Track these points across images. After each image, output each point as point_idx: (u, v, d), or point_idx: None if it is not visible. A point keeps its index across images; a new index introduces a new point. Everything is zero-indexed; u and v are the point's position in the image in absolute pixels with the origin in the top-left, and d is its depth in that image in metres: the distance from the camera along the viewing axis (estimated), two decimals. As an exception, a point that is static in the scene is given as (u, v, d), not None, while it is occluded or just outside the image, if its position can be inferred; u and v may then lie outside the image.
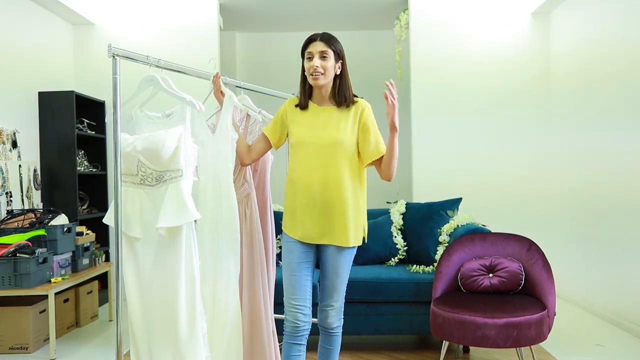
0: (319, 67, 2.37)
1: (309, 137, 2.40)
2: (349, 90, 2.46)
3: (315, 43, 2.40)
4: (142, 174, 2.38)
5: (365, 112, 2.45)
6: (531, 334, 3.00)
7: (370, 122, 2.44)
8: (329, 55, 2.38)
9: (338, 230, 2.40)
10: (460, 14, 5.35)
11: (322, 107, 2.45)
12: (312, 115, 2.45)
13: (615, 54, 4.25)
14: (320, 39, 2.41)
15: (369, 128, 2.43)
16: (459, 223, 3.78)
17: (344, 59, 2.45)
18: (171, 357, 2.31)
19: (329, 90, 2.45)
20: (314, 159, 2.39)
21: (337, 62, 2.42)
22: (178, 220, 2.24)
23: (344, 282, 2.47)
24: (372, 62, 6.47)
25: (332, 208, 2.38)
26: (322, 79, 2.39)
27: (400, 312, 3.64)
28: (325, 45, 2.39)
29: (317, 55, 2.38)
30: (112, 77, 2.35)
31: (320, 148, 2.38)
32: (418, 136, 5.34)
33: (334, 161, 2.38)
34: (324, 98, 2.46)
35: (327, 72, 2.39)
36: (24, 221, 4.03)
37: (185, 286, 2.29)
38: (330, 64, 2.39)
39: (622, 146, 4.16)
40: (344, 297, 2.51)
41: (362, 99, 2.49)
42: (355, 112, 2.44)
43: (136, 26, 5.41)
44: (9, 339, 3.78)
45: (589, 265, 4.70)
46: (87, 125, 5.20)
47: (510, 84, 5.34)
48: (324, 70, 2.38)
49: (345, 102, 2.43)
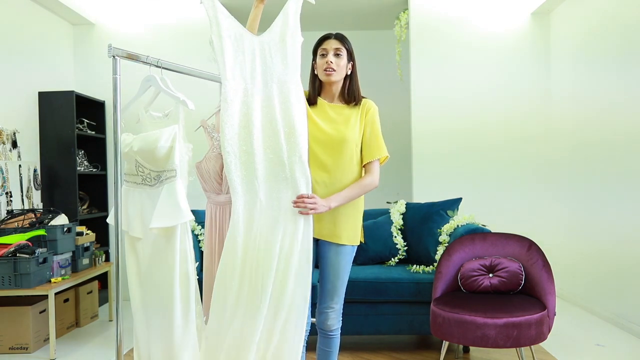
0: (333, 64, 2.40)
1: (317, 132, 2.39)
2: (358, 90, 2.49)
3: (330, 40, 2.43)
4: (142, 174, 2.38)
5: (371, 112, 2.48)
6: (531, 334, 3.00)
7: (373, 124, 2.47)
8: (343, 54, 2.42)
9: (338, 228, 2.41)
10: (460, 14, 5.34)
11: (331, 104, 2.47)
12: (321, 110, 2.45)
13: (616, 53, 4.25)
14: (335, 37, 2.45)
15: (371, 129, 2.46)
16: (459, 223, 3.78)
17: (354, 60, 2.49)
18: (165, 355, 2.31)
19: (339, 88, 2.48)
20: (319, 154, 2.39)
21: (349, 62, 2.46)
22: (171, 220, 2.24)
23: (344, 283, 2.47)
24: (372, 62, 6.46)
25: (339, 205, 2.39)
26: (334, 75, 2.41)
27: (400, 312, 3.64)
28: (340, 43, 2.43)
29: (332, 52, 2.41)
30: (112, 77, 2.35)
31: (327, 144, 2.39)
32: (418, 136, 5.34)
33: (340, 157, 2.40)
34: (333, 96, 2.48)
35: (340, 69, 2.42)
36: (24, 221, 4.03)
37: (179, 287, 2.28)
38: (343, 62, 2.43)
39: (622, 146, 4.16)
40: (343, 299, 2.51)
41: (367, 99, 2.52)
42: (362, 111, 2.47)
43: (136, 26, 5.41)
44: (9, 339, 3.78)
45: (589, 265, 4.70)
46: (87, 125, 5.20)
47: (510, 84, 5.34)
48: (337, 67, 2.40)
49: (354, 100, 2.47)
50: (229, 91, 2.21)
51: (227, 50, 2.23)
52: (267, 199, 2.22)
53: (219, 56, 2.24)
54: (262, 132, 2.22)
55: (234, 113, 2.21)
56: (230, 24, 2.26)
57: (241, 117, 2.22)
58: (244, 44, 2.26)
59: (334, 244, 2.43)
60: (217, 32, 2.23)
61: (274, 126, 2.22)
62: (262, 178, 2.22)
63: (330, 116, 2.44)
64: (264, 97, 2.25)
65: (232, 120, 2.21)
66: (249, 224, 2.22)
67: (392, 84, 6.27)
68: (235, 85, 2.22)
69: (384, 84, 6.29)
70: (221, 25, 2.24)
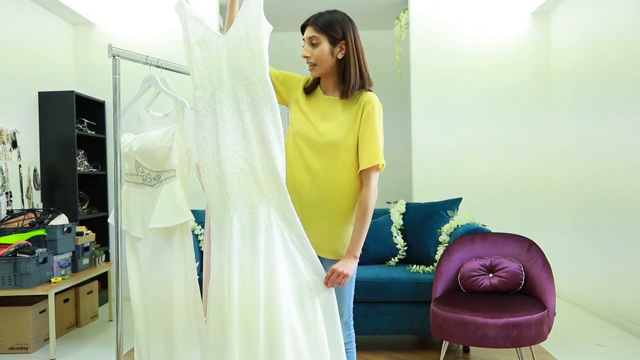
0: (311, 57, 2.08)
1: (306, 130, 2.10)
2: (354, 77, 2.08)
3: (307, 28, 2.10)
4: (142, 174, 2.38)
5: (367, 109, 2.07)
6: (531, 334, 3.00)
7: (368, 125, 2.06)
8: (321, 41, 2.06)
9: (326, 241, 2.09)
10: (460, 14, 5.35)
11: (326, 96, 2.14)
12: (314, 103, 2.14)
13: (616, 53, 4.25)
14: (311, 23, 2.09)
15: (365, 129, 2.06)
16: (459, 223, 3.78)
17: (347, 39, 2.09)
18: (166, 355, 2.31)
19: (334, 77, 2.13)
20: (307, 156, 2.08)
21: (334, 46, 2.08)
22: (171, 220, 2.23)
23: (349, 294, 2.15)
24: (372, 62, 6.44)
25: (321, 213, 2.08)
26: (315, 70, 2.10)
27: (400, 312, 3.64)
28: (314, 31, 2.07)
29: (307, 43, 2.09)
30: (112, 77, 2.35)
31: (315, 144, 2.07)
32: (418, 136, 5.34)
33: (328, 161, 2.06)
34: (330, 86, 2.15)
35: (321, 60, 2.07)
36: (24, 221, 4.03)
37: (179, 288, 2.27)
38: (323, 51, 2.06)
39: (622, 148, 4.16)
40: (351, 310, 2.20)
41: (368, 92, 2.12)
42: (359, 107, 2.08)
43: (136, 26, 5.41)
44: (9, 339, 3.78)
45: (589, 265, 4.70)
46: (87, 125, 5.20)
47: (510, 84, 5.34)
48: (315, 59, 2.08)
49: (349, 91, 2.08)
50: (199, 100, 2.04)
51: (195, 56, 2.06)
52: (238, 217, 1.99)
53: (188, 64, 2.09)
54: (232, 140, 2.00)
55: (204, 123, 2.03)
56: (196, 27, 2.07)
57: (212, 126, 2.02)
58: (209, 47, 2.04)
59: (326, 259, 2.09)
60: (186, 38, 2.08)
61: (245, 134, 1.99)
62: (233, 192, 1.99)
63: (323, 112, 2.11)
64: (233, 102, 2.01)
65: (203, 132, 2.03)
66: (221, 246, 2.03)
67: (392, 84, 6.27)
68: (203, 94, 2.05)
69: (384, 84, 6.28)
70: (188, 31, 2.08)
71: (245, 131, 1.98)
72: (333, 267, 1.99)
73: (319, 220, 2.08)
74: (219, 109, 2.01)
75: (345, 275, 1.98)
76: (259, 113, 1.97)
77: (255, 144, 1.97)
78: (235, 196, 1.99)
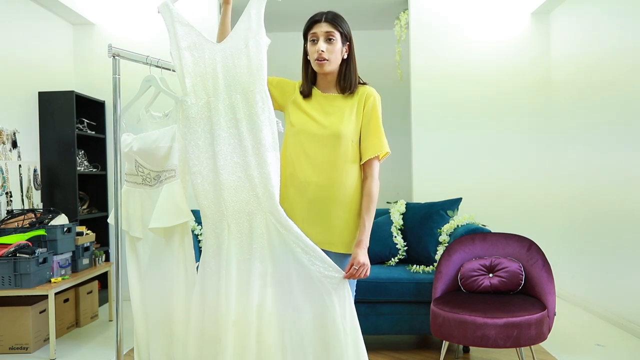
0: (325, 52, 2.10)
1: (310, 126, 2.14)
2: (354, 74, 2.18)
3: (321, 24, 2.12)
4: (142, 174, 2.38)
5: (370, 101, 2.16)
6: (531, 334, 3.00)
7: (372, 116, 2.16)
8: (336, 38, 2.11)
9: (338, 235, 2.13)
10: (460, 14, 5.35)
11: (325, 94, 2.19)
12: (314, 102, 2.18)
13: (616, 54, 4.25)
14: (325, 19, 2.12)
15: (369, 121, 2.15)
16: (459, 223, 3.78)
17: (351, 40, 2.18)
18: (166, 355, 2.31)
19: (335, 76, 2.19)
20: (312, 152, 2.12)
21: (344, 45, 2.15)
22: (170, 220, 2.23)
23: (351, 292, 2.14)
24: (372, 62, 6.47)
25: (331, 208, 2.12)
26: (327, 65, 2.13)
27: (400, 312, 3.64)
28: (331, 26, 2.11)
29: (322, 38, 2.11)
30: (112, 77, 2.36)
31: (320, 139, 2.12)
32: (418, 136, 5.34)
33: (334, 155, 2.11)
34: (329, 84, 2.20)
35: (334, 57, 2.13)
36: (24, 221, 4.03)
37: (179, 288, 2.27)
38: (337, 47, 2.12)
39: (621, 148, 4.16)
40: None
41: (365, 85, 2.22)
42: (359, 100, 2.17)
43: (136, 26, 5.41)
44: (9, 339, 3.78)
45: (589, 265, 4.70)
46: (87, 125, 5.20)
47: (510, 84, 5.34)
48: (329, 55, 2.11)
49: (349, 88, 2.16)
50: (191, 107, 2.04)
51: (186, 62, 2.05)
52: (235, 224, 2.02)
53: (178, 70, 2.07)
54: (229, 149, 2.01)
55: (197, 130, 2.03)
56: (187, 32, 2.08)
57: (206, 134, 2.03)
58: (204, 53, 2.05)
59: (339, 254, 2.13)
60: (175, 44, 2.07)
61: (241, 142, 2.00)
62: (230, 199, 2.01)
63: (324, 108, 2.16)
64: (229, 110, 2.01)
65: (196, 140, 2.03)
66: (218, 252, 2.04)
67: (392, 84, 6.27)
68: (197, 101, 2.04)
69: (384, 84, 6.29)
70: (178, 36, 2.07)
71: (241, 139, 2.00)
72: (355, 260, 2.03)
73: (329, 215, 2.13)
74: (215, 116, 2.02)
75: (362, 270, 2.04)
76: (256, 121, 1.99)
77: (251, 151, 2.00)
78: (233, 203, 2.02)
